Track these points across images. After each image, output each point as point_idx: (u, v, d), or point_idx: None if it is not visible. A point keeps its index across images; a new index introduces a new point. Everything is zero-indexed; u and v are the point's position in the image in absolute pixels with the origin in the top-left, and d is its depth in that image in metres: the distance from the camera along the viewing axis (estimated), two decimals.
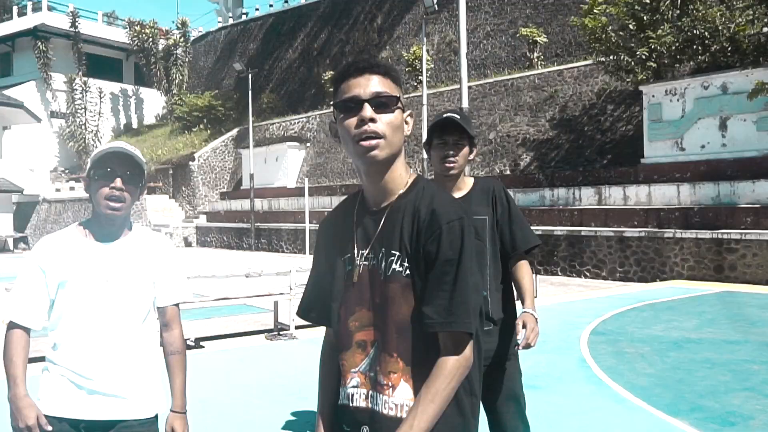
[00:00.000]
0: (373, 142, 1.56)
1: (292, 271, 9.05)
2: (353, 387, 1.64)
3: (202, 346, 7.71)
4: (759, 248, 13.43)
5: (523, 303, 2.90)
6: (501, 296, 2.94)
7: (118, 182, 2.21)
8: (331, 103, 1.69)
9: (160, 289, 2.36)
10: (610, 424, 4.81)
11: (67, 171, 40.58)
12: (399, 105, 1.62)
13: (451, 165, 2.84)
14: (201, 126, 37.91)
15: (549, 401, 5.14)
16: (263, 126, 33.73)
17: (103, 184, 2.20)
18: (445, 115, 2.85)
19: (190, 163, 34.48)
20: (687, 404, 5.22)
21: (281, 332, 8.54)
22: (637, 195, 16.55)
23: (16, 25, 43.65)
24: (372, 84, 1.59)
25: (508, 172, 21.41)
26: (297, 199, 26.93)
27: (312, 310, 1.78)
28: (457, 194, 2.89)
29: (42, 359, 2.29)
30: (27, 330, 2.23)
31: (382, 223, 1.63)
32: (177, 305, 2.45)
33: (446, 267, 1.53)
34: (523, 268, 2.99)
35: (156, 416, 2.37)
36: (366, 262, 1.64)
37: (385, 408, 1.57)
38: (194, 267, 19.01)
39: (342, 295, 1.68)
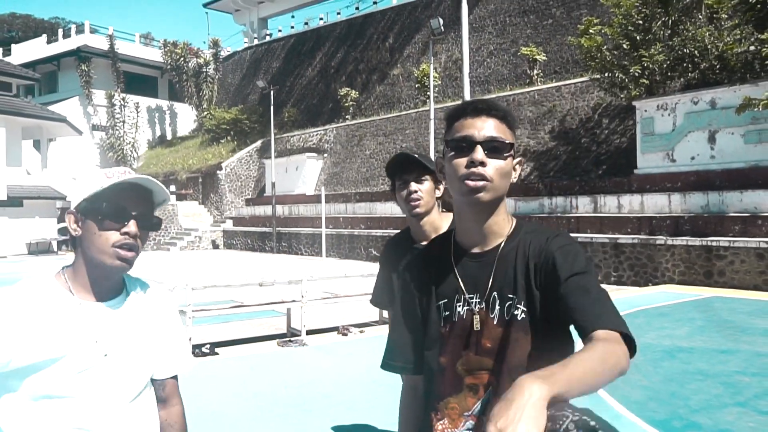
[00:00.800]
0: (480, 183, 1.41)
1: (303, 280, 8.80)
2: (468, 430, 1.46)
3: (217, 353, 7.44)
4: (746, 255, 13.03)
5: None
6: None
7: (133, 226, 1.51)
8: (444, 139, 1.51)
9: (161, 359, 1.68)
10: None
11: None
12: (511, 152, 1.46)
13: (416, 203, 2.42)
14: (228, 138, 37.86)
15: None
16: (284, 138, 33.60)
17: (112, 226, 1.50)
18: (400, 153, 2.48)
19: (218, 172, 34.44)
20: (681, 421, 4.88)
21: (293, 338, 8.29)
22: (630, 204, 16.18)
23: (61, 46, 43.97)
24: (487, 127, 1.44)
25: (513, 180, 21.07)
26: (315, 206, 26.72)
27: (402, 361, 1.59)
28: (433, 233, 2.41)
29: None
30: None
31: (495, 268, 1.47)
32: (175, 377, 1.76)
33: (571, 282, 1.35)
34: None
35: None
36: (475, 308, 1.47)
37: None
38: (220, 270, 18.86)
39: (441, 340, 1.50)
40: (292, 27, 43.58)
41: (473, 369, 1.47)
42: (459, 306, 1.49)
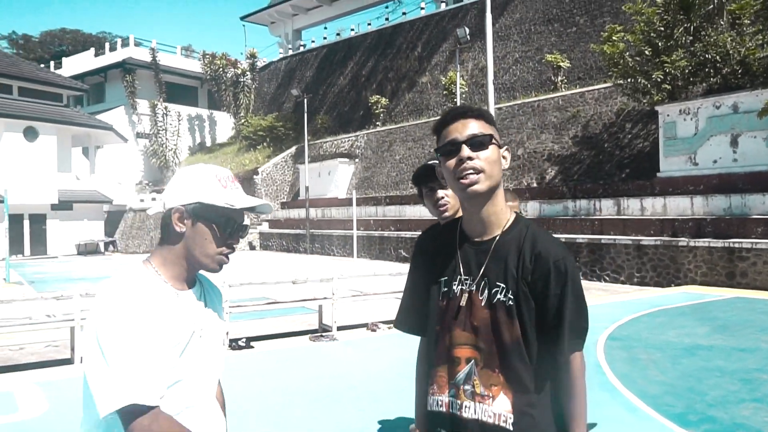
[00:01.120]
0: (473, 177, 1.55)
1: (334, 279, 8.92)
2: (451, 397, 1.61)
3: (252, 347, 7.61)
4: None
5: None
6: None
7: (238, 240, 1.64)
8: (435, 149, 1.67)
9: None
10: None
11: (150, 184, 41.50)
12: (494, 142, 1.60)
13: (444, 207, 2.56)
14: (264, 144, 38.32)
15: None
16: (317, 144, 33.89)
17: (225, 239, 1.59)
18: (427, 164, 2.60)
19: (255, 176, 34.86)
20: (697, 414, 4.85)
21: (324, 333, 8.41)
22: (653, 206, 15.98)
23: (108, 59, 44.96)
24: (469, 127, 1.59)
25: (534, 185, 20.95)
26: (346, 209, 26.91)
27: (406, 323, 1.79)
28: None
29: None
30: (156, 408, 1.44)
31: (489, 256, 1.60)
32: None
33: (560, 299, 1.54)
34: None
35: None
36: (467, 288, 1.61)
37: (484, 416, 1.56)
38: (256, 269, 19.12)
39: (438, 314, 1.65)
40: (325, 38, 43.95)
41: (459, 343, 1.60)
42: (455, 285, 1.63)
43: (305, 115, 29.42)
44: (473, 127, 1.58)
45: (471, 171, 1.54)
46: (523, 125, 23.10)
